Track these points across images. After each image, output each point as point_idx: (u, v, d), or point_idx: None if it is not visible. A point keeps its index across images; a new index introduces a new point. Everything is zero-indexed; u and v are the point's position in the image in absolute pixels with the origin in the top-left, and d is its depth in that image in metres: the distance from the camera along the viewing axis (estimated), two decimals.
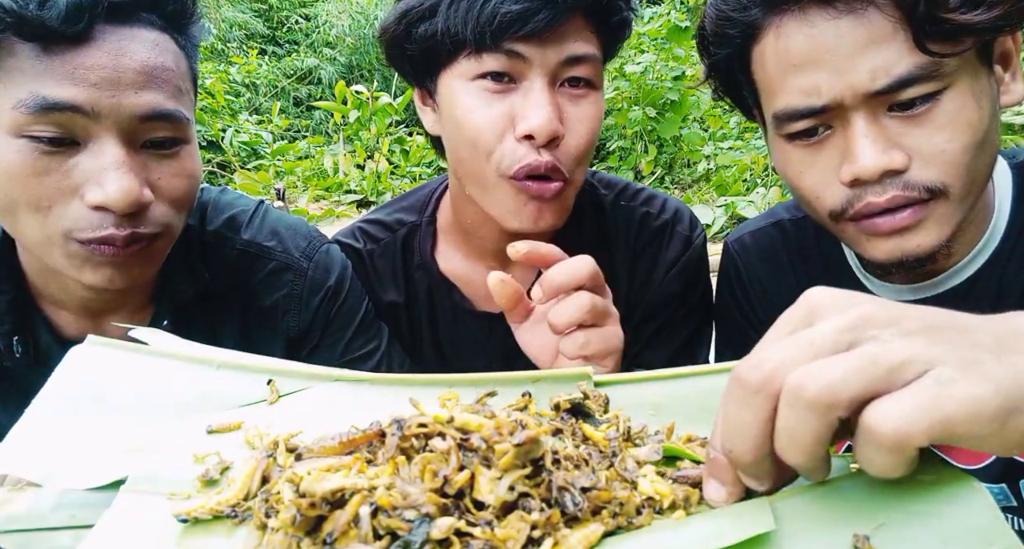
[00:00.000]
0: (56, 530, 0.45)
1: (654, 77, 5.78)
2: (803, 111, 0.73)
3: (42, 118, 0.69)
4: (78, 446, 0.50)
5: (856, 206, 0.74)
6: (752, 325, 1.03)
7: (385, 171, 6.15)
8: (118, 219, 0.72)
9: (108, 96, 0.70)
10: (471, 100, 0.82)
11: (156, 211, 0.76)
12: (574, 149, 0.82)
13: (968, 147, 0.70)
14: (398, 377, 0.57)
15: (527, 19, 0.75)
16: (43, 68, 0.69)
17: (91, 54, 0.70)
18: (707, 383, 0.56)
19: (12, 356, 0.82)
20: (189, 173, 0.79)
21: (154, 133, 0.75)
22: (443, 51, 0.82)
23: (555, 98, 0.81)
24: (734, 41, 0.80)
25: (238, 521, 0.43)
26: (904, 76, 0.68)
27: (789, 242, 1.00)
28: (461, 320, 1.01)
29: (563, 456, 0.44)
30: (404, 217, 1.04)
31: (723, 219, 4.72)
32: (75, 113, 0.69)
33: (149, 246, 0.77)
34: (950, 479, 0.43)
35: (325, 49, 8.74)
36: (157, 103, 0.74)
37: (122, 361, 0.57)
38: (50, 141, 0.70)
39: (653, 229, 1.02)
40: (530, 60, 0.79)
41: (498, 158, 0.81)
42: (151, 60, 0.74)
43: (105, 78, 0.70)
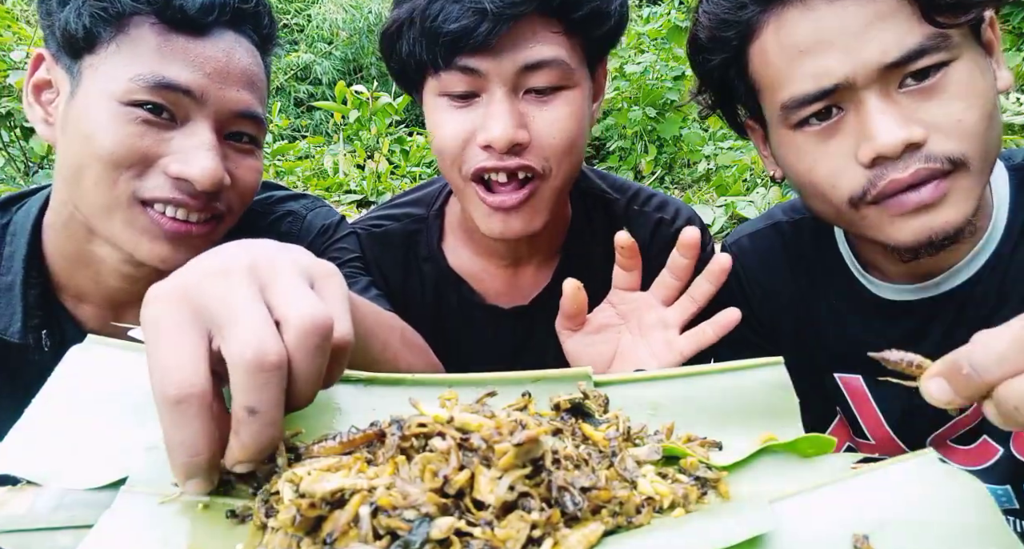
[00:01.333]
0: (56, 530, 0.45)
1: (654, 77, 5.78)
2: (815, 94, 0.73)
3: (155, 93, 0.76)
4: (78, 446, 0.50)
5: (879, 185, 0.72)
6: (751, 328, 1.02)
7: (385, 171, 6.14)
8: (195, 192, 0.78)
9: (217, 87, 0.79)
10: (439, 115, 0.84)
11: (228, 197, 0.83)
12: (547, 149, 0.82)
13: (983, 116, 0.70)
14: (398, 377, 0.57)
15: (469, 34, 0.76)
16: (164, 51, 0.76)
17: (208, 48, 0.78)
18: (707, 383, 0.56)
19: (41, 350, 0.83)
20: (258, 170, 0.88)
21: (240, 128, 0.83)
22: (412, 71, 0.85)
23: (515, 107, 0.80)
24: (730, 44, 0.80)
25: (238, 521, 0.43)
26: (915, 48, 0.69)
27: (787, 244, 1.00)
28: (468, 313, 1.01)
29: (563, 456, 0.44)
30: (412, 211, 1.05)
31: (723, 219, 4.71)
32: (186, 95, 0.77)
33: (210, 229, 0.82)
34: (950, 479, 0.43)
35: (321, 44, 8.73)
36: (251, 104, 0.83)
37: (122, 360, 0.57)
38: (152, 110, 0.76)
39: (668, 236, 1.02)
40: (485, 73, 0.79)
41: (461, 162, 0.84)
42: (251, 66, 0.83)
43: (217, 71, 0.79)
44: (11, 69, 3.71)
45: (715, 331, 0.75)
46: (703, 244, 1.02)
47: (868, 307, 0.92)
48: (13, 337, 0.81)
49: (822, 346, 0.97)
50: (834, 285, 0.95)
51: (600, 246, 1.02)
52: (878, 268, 0.92)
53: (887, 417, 0.95)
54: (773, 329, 1.01)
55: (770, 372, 0.55)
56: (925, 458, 0.45)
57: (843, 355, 0.96)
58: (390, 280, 1.01)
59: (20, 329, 0.81)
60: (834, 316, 0.96)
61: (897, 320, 0.91)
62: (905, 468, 0.45)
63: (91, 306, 0.88)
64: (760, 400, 0.55)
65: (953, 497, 0.42)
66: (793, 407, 0.54)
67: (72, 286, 0.87)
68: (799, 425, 0.54)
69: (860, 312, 0.93)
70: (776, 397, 0.55)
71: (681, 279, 0.76)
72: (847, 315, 0.95)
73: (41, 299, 0.84)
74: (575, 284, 0.75)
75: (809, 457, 0.50)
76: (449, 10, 0.76)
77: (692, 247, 0.74)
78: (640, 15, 6.79)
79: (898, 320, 0.90)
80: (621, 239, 0.75)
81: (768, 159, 0.91)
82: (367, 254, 1.01)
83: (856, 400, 0.97)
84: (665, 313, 0.78)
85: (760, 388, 0.55)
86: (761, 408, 0.54)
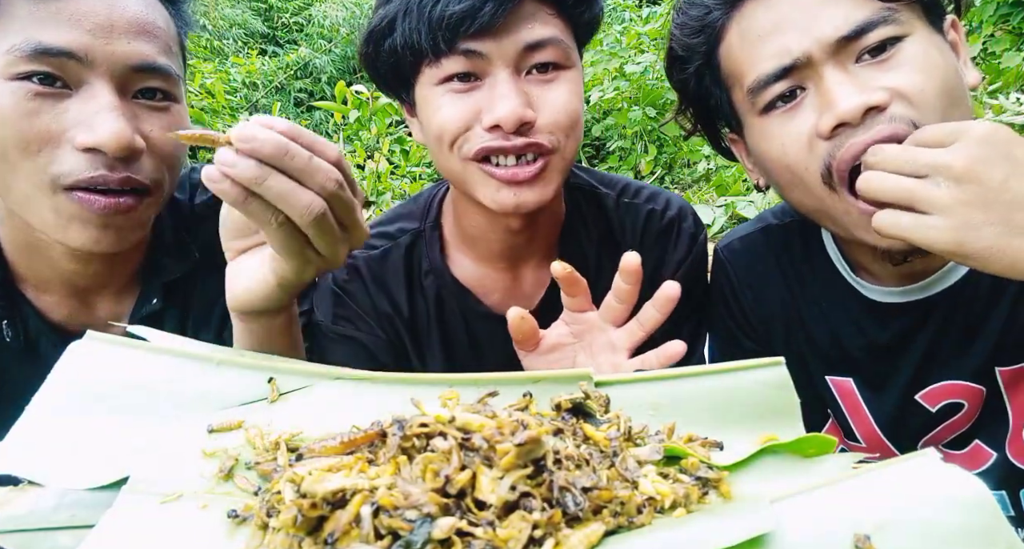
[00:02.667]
0: (56, 530, 0.45)
1: (654, 77, 5.78)
2: (775, 72, 0.76)
3: (36, 62, 0.70)
4: (78, 446, 0.50)
5: (838, 155, 0.73)
6: (744, 331, 1.03)
7: (385, 171, 6.14)
8: (110, 162, 0.72)
9: (102, 43, 0.72)
10: (439, 101, 0.83)
11: (147, 164, 0.76)
12: (552, 125, 0.82)
13: (942, 91, 0.72)
14: (399, 376, 0.57)
15: (473, 16, 0.76)
16: (39, 14, 0.70)
17: (83, 2, 0.71)
18: (707, 383, 0.56)
19: (3, 341, 0.81)
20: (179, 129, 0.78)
21: (146, 83, 0.76)
22: (407, 63, 0.84)
23: (521, 86, 0.81)
24: (701, 49, 0.84)
25: (240, 521, 0.43)
26: (864, 21, 0.73)
27: (777, 247, 1.01)
28: (473, 324, 1.00)
29: (564, 456, 0.44)
30: (406, 225, 1.03)
31: (723, 219, 4.71)
32: (69, 58, 0.70)
33: (138, 203, 0.76)
34: (951, 479, 0.43)
35: (320, 41, 8.72)
36: (148, 55, 0.75)
37: (121, 358, 0.57)
38: (41, 81, 0.70)
39: (660, 227, 1.02)
40: (488, 55, 0.80)
41: (462, 143, 0.83)
42: (142, 14, 0.76)
43: (99, 25, 0.72)
44: None
45: (659, 361, 0.75)
46: (695, 235, 1.03)
47: (858, 309, 0.93)
48: None
49: (813, 349, 0.97)
50: (824, 288, 0.96)
51: (595, 241, 1.02)
52: (867, 270, 0.92)
53: (878, 420, 0.95)
54: (766, 332, 1.01)
55: (771, 372, 0.55)
56: (926, 458, 0.45)
57: (834, 358, 0.96)
58: (396, 299, 1.00)
59: None
60: (825, 319, 0.96)
61: (887, 322, 0.91)
62: (906, 468, 0.45)
63: (53, 295, 0.85)
64: (761, 400, 0.55)
65: (954, 497, 0.42)
66: (794, 407, 0.54)
67: (31, 276, 0.84)
68: (800, 425, 0.54)
69: (850, 314, 0.94)
70: (777, 397, 0.55)
71: (626, 303, 0.76)
72: (837, 318, 0.95)
73: (3, 289, 0.82)
74: (518, 314, 0.75)
75: (810, 457, 0.50)
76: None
77: (633, 273, 0.74)
78: (640, 15, 6.79)
79: (888, 322, 0.91)
80: (628, 261, 0.74)
81: (752, 170, 0.92)
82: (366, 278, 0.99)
83: (847, 403, 0.97)
84: (613, 336, 0.78)
85: (761, 388, 0.55)
86: (762, 408, 0.54)
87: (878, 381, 0.94)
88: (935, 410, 0.91)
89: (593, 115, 6.24)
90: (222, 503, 0.45)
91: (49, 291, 0.85)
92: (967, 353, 0.88)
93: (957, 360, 0.88)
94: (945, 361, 0.89)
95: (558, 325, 0.82)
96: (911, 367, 0.91)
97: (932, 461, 0.45)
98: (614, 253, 1.02)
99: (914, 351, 0.90)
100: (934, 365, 0.90)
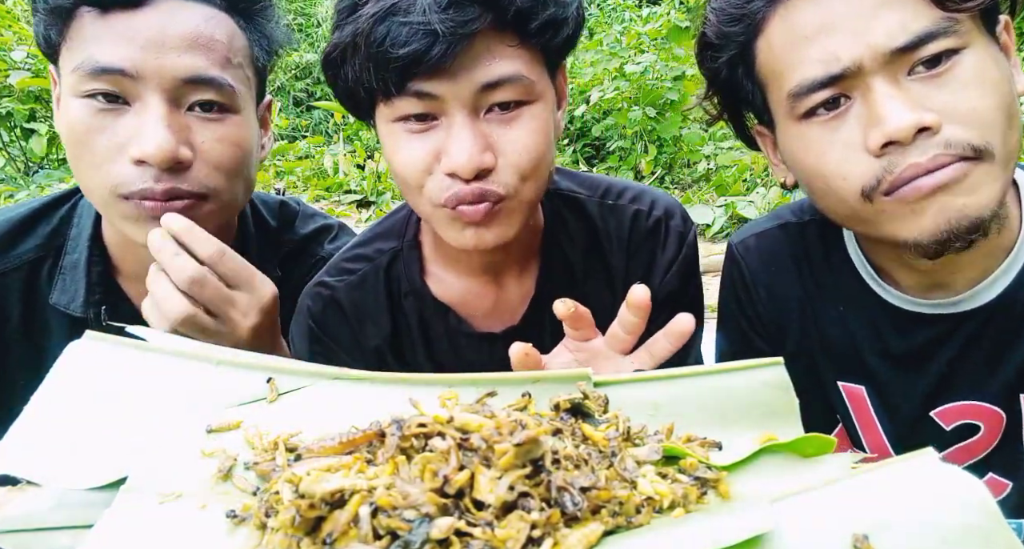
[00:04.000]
0: (56, 530, 0.45)
1: (654, 77, 5.78)
2: (822, 80, 0.71)
3: (96, 80, 0.75)
4: (77, 446, 0.50)
5: (895, 171, 0.69)
6: (756, 331, 1.00)
7: (385, 171, 6.14)
8: (157, 173, 0.76)
9: (152, 58, 0.75)
10: (396, 142, 0.79)
11: (199, 172, 0.80)
12: (512, 171, 0.78)
13: (998, 106, 0.68)
14: (398, 376, 0.57)
15: (421, 58, 0.71)
16: (100, 33, 0.75)
17: (139, 20, 0.76)
18: (707, 383, 0.56)
19: (100, 324, 0.88)
20: (234, 140, 0.83)
21: (198, 96, 0.79)
22: (361, 98, 0.80)
23: (478, 129, 0.76)
24: (737, 39, 0.79)
25: (238, 521, 0.43)
26: (922, 32, 0.67)
27: (795, 245, 0.97)
28: (459, 343, 0.98)
29: (563, 456, 0.44)
30: (383, 245, 0.99)
31: (723, 219, 4.71)
32: (122, 75, 0.75)
33: (194, 206, 0.80)
34: (951, 479, 0.43)
35: (323, 43, 8.74)
36: (200, 68, 0.78)
37: (121, 358, 0.57)
38: (104, 98, 0.76)
39: (647, 228, 0.99)
40: (441, 96, 0.75)
41: (428, 190, 0.80)
42: (199, 29, 0.79)
43: (151, 40, 0.75)
44: (12, 69, 3.70)
45: (669, 341, 0.72)
46: (683, 233, 0.99)
47: (879, 315, 0.89)
48: (76, 311, 0.87)
49: (827, 352, 0.95)
50: (843, 290, 0.93)
51: (579, 247, 0.99)
52: (890, 276, 0.88)
53: (888, 432, 0.93)
54: (779, 332, 0.98)
55: (770, 372, 0.55)
56: (925, 458, 0.45)
57: (848, 363, 0.93)
58: (380, 325, 0.97)
59: (83, 304, 0.87)
60: (841, 322, 0.93)
61: (909, 331, 0.87)
62: (905, 468, 0.45)
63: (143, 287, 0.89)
64: (760, 400, 0.54)
65: (953, 497, 0.42)
66: (793, 407, 0.54)
67: (126, 267, 0.92)
68: (799, 425, 0.54)
69: (869, 320, 0.90)
70: (776, 397, 0.54)
71: (632, 335, 0.73)
72: (855, 322, 0.92)
73: (101, 277, 0.89)
74: (523, 350, 0.71)
75: (809, 457, 0.50)
76: (396, 33, 0.71)
77: (642, 308, 0.70)
78: (640, 15, 6.79)
79: (910, 331, 0.87)
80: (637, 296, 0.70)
81: (779, 166, 0.88)
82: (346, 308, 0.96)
83: (858, 411, 0.95)
84: (622, 365, 0.75)
85: (760, 388, 0.55)
86: (761, 408, 0.54)
87: (892, 392, 0.91)
88: (949, 429, 0.88)
89: (593, 115, 6.24)
90: (220, 503, 0.45)
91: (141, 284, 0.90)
92: (991, 375, 0.84)
93: (979, 380, 0.85)
94: (966, 380, 0.86)
95: (560, 352, 0.79)
96: (929, 381, 0.88)
97: (931, 461, 0.45)
98: (600, 257, 1.00)
99: (934, 365, 0.87)
100: (954, 382, 0.86)
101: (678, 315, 0.71)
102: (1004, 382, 0.84)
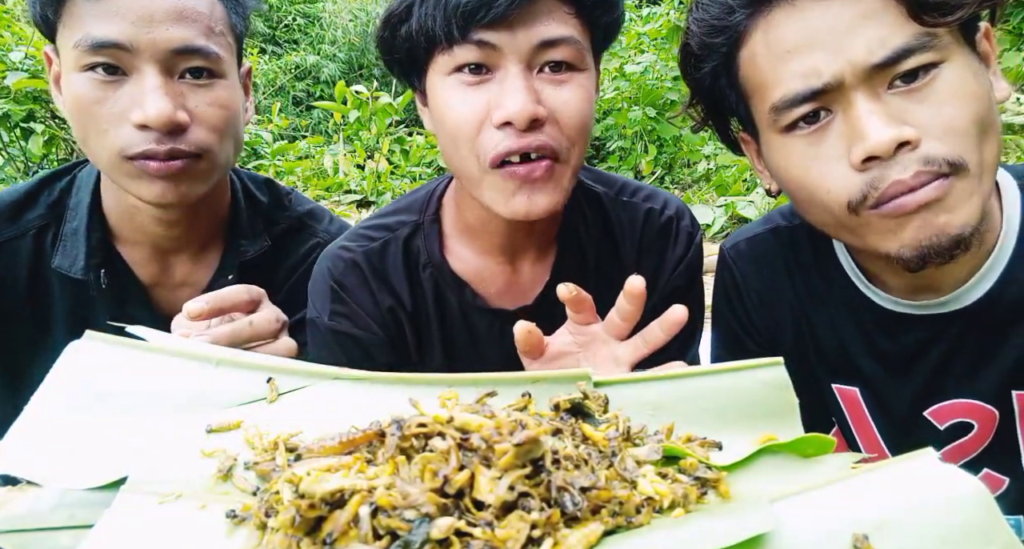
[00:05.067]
0: (56, 530, 0.45)
1: (654, 77, 5.78)
2: (803, 94, 0.72)
3: (95, 54, 0.83)
4: (77, 446, 0.50)
5: (881, 187, 0.70)
6: (748, 334, 1.01)
7: (385, 171, 6.14)
8: (158, 136, 0.85)
9: (144, 32, 0.83)
10: (450, 94, 0.83)
11: (195, 134, 0.89)
12: (564, 130, 0.82)
13: (975, 121, 0.69)
14: (398, 376, 0.57)
15: (489, 6, 0.76)
16: (92, 11, 0.83)
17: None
18: (706, 383, 0.56)
19: (99, 286, 0.97)
20: (223, 103, 0.92)
21: (188, 64, 0.87)
22: (421, 50, 0.83)
23: (532, 83, 0.80)
24: (720, 50, 0.80)
25: (238, 521, 0.43)
26: (901, 47, 0.68)
27: (786, 249, 0.98)
28: (472, 318, 1.00)
29: (563, 456, 0.44)
30: (404, 218, 1.03)
31: (723, 219, 4.71)
32: (118, 49, 0.83)
33: (192, 165, 0.89)
34: (950, 479, 0.43)
35: (325, 46, 8.74)
36: (188, 38, 0.86)
37: (120, 358, 0.57)
38: (104, 70, 0.84)
39: (658, 226, 1.02)
40: (501, 48, 0.79)
41: (478, 148, 0.82)
42: (182, 2, 0.86)
43: (140, 16, 0.83)
44: (9, 70, 3.70)
45: (663, 330, 0.74)
46: (692, 234, 1.03)
47: (869, 317, 0.91)
48: (77, 274, 0.96)
49: (819, 355, 0.96)
50: (833, 293, 0.94)
51: (594, 237, 1.02)
52: (879, 279, 0.90)
53: (883, 432, 0.94)
54: (772, 335, 1.00)
55: (770, 372, 0.55)
56: (925, 458, 0.45)
57: (841, 365, 0.94)
58: (399, 292, 0.99)
59: (83, 267, 0.96)
60: (832, 325, 0.94)
61: (899, 333, 0.89)
62: (905, 468, 0.45)
63: (141, 250, 1.01)
64: (760, 400, 0.54)
65: (953, 497, 0.42)
66: (793, 407, 0.54)
67: (124, 233, 1.00)
68: (799, 425, 0.54)
69: (860, 322, 0.92)
70: (776, 397, 0.55)
71: (627, 321, 0.76)
72: (847, 325, 0.93)
73: (101, 243, 0.98)
74: (525, 327, 0.75)
75: (809, 457, 0.50)
76: None
77: (637, 297, 0.73)
78: (640, 15, 6.79)
79: (900, 333, 0.89)
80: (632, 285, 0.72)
81: (763, 173, 0.89)
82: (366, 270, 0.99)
83: (852, 412, 0.96)
84: (618, 351, 0.77)
85: (760, 388, 0.55)
86: (761, 408, 0.54)
87: (885, 392, 0.92)
88: (943, 428, 0.89)
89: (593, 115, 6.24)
90: (221, 503, 0.45)
91: (138, 249, 1.01)
92: (982, 373, 0.85)
93: (971, 379, 0.86)
94: (958, 378, 0.87)
95: (562, 333, 0.82)
96: (921, 381, 0.89)
97: (931, 461, 0.45)
98: (613, 250, 1.03)
99: (925, 365, 0.88)
100: (945, 381, 0.87)
101: (672, 306, 0.73)
102: (995, 379, 0.85)
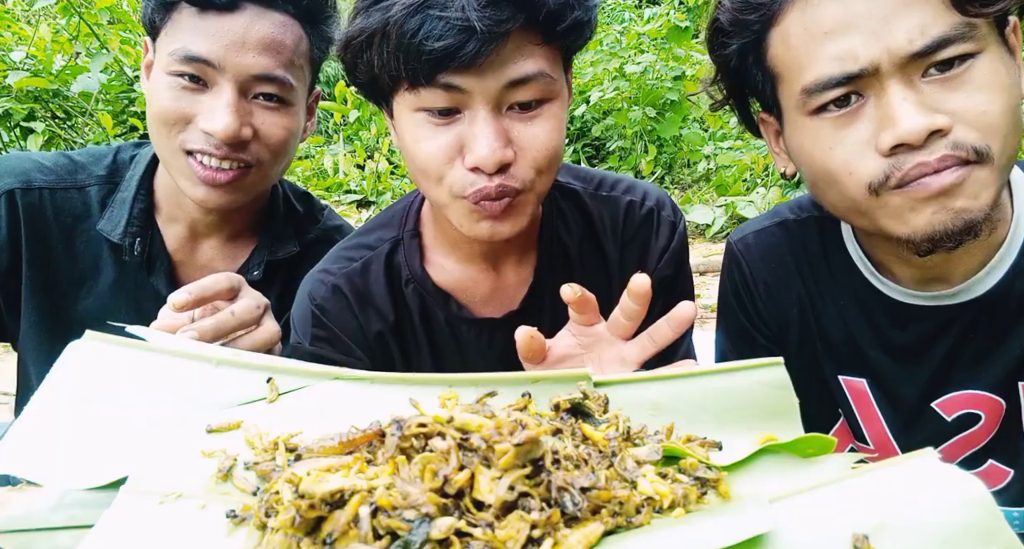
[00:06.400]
0: (56, 530, 0.45)
1: (654, 77, 5.78)
2: (839, 78, 0.71)
3: (185, 64, 0.94)
4: (77, 446, 0.50)
5: (904, 169, 0.70)
6: (757, 327, 1.01)
7: (385, 171, 6.14)
8: (219, 143, 0.96)
9: (234, 55, 0.95)
10: (417, 131, 0.81)
11: (253, 148, 0.99)
12: (530, 166, 0.81)
13: (1006, 111, 0.69)
14: (398, 376, 0.57)
15: (454, 54, 0.72)
16: (195, 28, 0.95)
17: (228, 23, 0.95)
18: (707, 383, 0.56)
19: (132, 253, 1.07)
20: (285, 125, 1.02)
21: (263, 89, 0.98)
22: (385, 82, 0.81)
23: (500, 125, 0.78)
24: (752, 27, 0.79)
25: (238, 521, 0.43)
26: (941, 36, 0.68)
27: (794, 242, 0.98)
28: (459, 330, 1.00)
29: (563, 456, 0.44)
30: (384, 234, 1.02)
31: (723, 219, 4.71)
32: (206, 65, 0.94)
33: (242, 174, 0.99)
34: (950, 479, 0.43)
35: None
36: (269, 67, 0.97)
37: (120, 358, 0.57)
38: (189, 79, 0.96)
39: (639, 218, 1.02)
40: (468, 91, 0.76)
41: (449, 182, 0.81)
42: (273, 35, 0.97)
43: (233, 41, 0.95)
44: (11, 69, 3.70)
45: (671, 327, 0.73)
46: (674, 223, 1.03)
47: (878, 309, 0.91)
48: (115, 238, 1.07)
49: (827, 347, 0.96)
50: (842, 285, 0.94)
51: (576, 236, 1.02)
52: (888, 270, 0.90)
53: (890, 424, 0.94)
54: (780, 329, 0.99)
55: (770, 372, 0.55)
56: (925, 458, 0.45)
57: (848, 357, 0.94)
58: (383, 312, 0.98)
59: (121, 233, 1.07)
60: (841, 317, 0.94)
61: (908, 324, 0.89)
62: (905, 468, 0.45)
63: (178, 228, 1.11)
64: (760, 400, 0.54)
65: (953, 497, 0.42)
66: (793, 407, 0.54)
67: (166, 210, 1.11)
68: (799, 425, 0.54)
69: (868, 313, 0.92)
70: (776, 397, 0.54)
71: (633, 321, 0.75)
72: (855, 317, 0.93)
73: (143, 215, 1.08)
74: (528, 333, 0.73)
75: (809, 457, 0.50)
76: (432, 26, 0.72)
77: (643, 296, 0.72)
78: (640, 15, 6.79)
79: (909, 324, 0.89)
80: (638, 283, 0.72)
81: (780, 155, 0.89)
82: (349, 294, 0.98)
83: (859, 404, 0.95)
84: (624, 350, 0.76)
85: (760, 388, 0.55)
86: (761, 408, 0.54)
87: (893, 384, 0.92)
88: (951, 419, 0.89)
89: (593, 115, 6.24)
90: (221, 503, 0.45)
91: (174, 226, 1.11)
92: (990, 364, 0.85)
93: (978, 370, 0.86)
94: (965, 370, 0.87)
95: (564, 336, 0.81)
96: (929, 373, 0.89)
97: (931, 461, 0.45)
98: (595, 246, 1.02)
99: (933, 356, 0.88)
100: (953, 373, 0.88)
101: (680, 303, 0.73)
102: (1003, 371, 0.85)
